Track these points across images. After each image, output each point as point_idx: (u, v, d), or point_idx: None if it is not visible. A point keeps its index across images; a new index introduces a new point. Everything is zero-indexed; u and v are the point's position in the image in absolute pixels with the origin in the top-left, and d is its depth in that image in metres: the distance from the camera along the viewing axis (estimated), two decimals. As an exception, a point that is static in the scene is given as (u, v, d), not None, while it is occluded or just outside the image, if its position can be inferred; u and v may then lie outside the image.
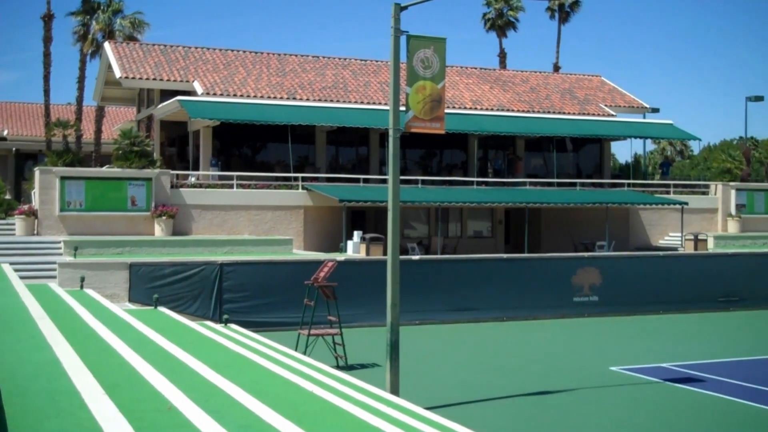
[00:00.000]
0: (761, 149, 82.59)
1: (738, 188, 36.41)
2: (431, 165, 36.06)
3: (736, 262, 30.00)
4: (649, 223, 34.97)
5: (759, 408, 14.80)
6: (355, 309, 23.37)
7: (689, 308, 28.52)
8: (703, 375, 17.59)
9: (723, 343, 22.53)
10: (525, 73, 41.44)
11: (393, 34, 14.51)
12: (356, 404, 9.96)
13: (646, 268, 28.56)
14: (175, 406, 8.06)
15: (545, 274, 27.06)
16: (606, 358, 19.57)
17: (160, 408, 8.04)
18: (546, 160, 37.04)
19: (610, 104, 39.14)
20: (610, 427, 13.62)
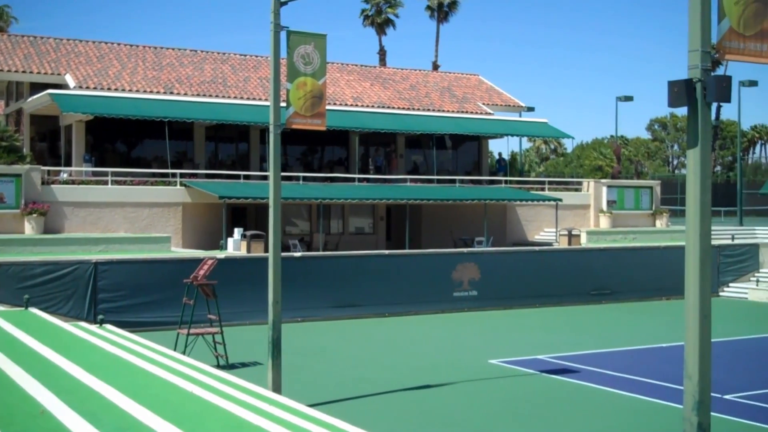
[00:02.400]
0: (631, 147, 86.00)
1: (609, 185, 37.76)
2: (312, 161, 35.99)
3: (608, 257, 31.11)
4: (525, 219, 35.88)
5: (629, 396, 15.38)
6: (236, 307, 23.08)
7: (564, 301, 29.40)
8: (578, 366, 18.16)
9: (596, 334, 23.32)
10: (405, 71, 41.84)
11: (273, 29, 14.37)
12: (237, 403, 9.82)
13: (522, 263, 29.28)
14: (48, 411, 7.76)
15: (426, 269, 27.39)
16: (485, 352, 19.96)
17: (32, 413, 7.72)
18: (426, 157, 37.52)
19: (488, 103, 39.95)
20: (490, 418, 13.90)
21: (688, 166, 8.33)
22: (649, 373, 17.42)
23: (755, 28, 8.41)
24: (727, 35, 8.27)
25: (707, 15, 8.07)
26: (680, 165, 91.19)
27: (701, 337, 8.26)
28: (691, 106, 8.13)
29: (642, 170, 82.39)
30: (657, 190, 39.11)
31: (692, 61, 8.08)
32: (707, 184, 8.21)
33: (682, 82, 8.07)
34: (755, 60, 8.53)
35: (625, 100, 45.80)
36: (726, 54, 8.36)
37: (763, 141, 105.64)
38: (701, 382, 8.25)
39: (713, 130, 75.84)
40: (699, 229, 8.20)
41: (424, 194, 31.63)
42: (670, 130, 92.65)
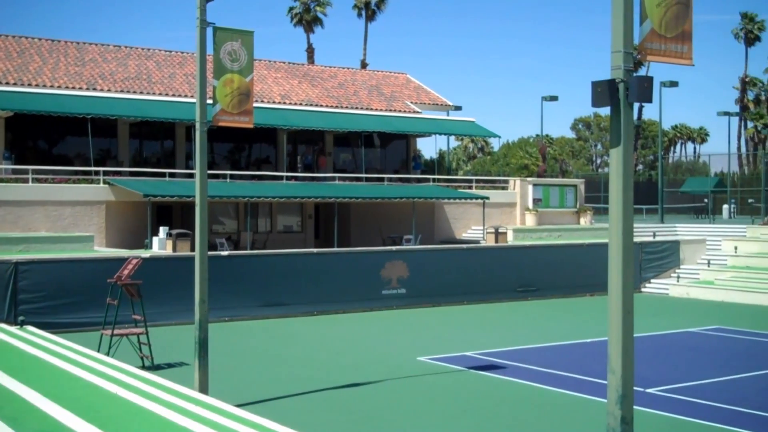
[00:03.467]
0: (556, 146, 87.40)
1: (535, 183, 38.31)
2: (240, 159, 35.68)
3: (533, 254, 31.56)
4: (453, 216, 36.16)
5: (555, 391, 15.62)
6: (161, 307, 22.73)
7: (491, 298, 29.72)
8: (504, 362, 18.37)
9: (522, 331, 23.63)
10: (333, 69, 41.76)
11: (199, 25, 14.17)
12: (163, 405, 9.67)
13: (450, 261, 29.50)
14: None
15: (354, 267, 27.39)
16: (413, 349, 20.05)
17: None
18: (354, 155, 37.54)
19: (416, 101, 40.15)
20: (418, 414, 13.96)
21: (611, 165, 8.48)
22: (574, 368, 17.72)
23: (676, 29, 8.60)
24: (649, 37, 8.44)
25: (630, 17, 8.23)
26: (603, 164, 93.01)
27: (624, 333, 8.42)
28: (614, 106, 8.28)
29: (567, 169, 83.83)
30: (581, 188, 39.83)
31: (615, 62, 8.22)
32: (629, 182, 8.37)
33: (605, 82, 8.21)
34: (676, 61, 8.72)
35: (550, 100, 46.48)
36: (648, 55, 8.53)
37: (684, 140, 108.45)
38: (624, 377, 8.41)
39: (635, 129, 77.55)
40: (622, 227, 8.35)
41: (352, 192, 31.63)
42: (594, 129, 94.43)
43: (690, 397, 15.02)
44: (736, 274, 32.78)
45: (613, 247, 8.45)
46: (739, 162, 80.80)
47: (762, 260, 33.59)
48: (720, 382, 16.49)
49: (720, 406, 14.34)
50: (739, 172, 73.45)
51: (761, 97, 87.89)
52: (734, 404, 14.47)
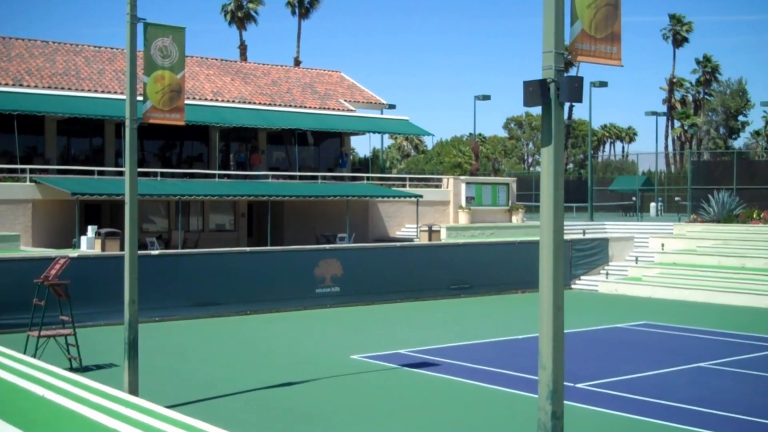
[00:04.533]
0: (488, 145, 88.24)
1: (468, 182, 38.63)
2: (171, 157, 35.20)
3: (466, 252, 31.81)
4: (387, 215, 36.24)
5: (487, 388, 15.76)
6: (90, 307, 22.29)
7: (424, 296, 29.87)
8: (438, 359, 18.48)
9: (455, 328, 23.79)
10: (266, 66, 41.48)
11: (129, 21, 13.92)
12: (92, 407, 9.49)
13: (384, 259, 29.56)
14: None
15: (288, 266, 27.25)
16: (347, 347, 20.03)
17: None
18: (288, 153, 37.35)
19: (350, 99, 40.12)
20: (351, 413, 13.95)
21: (542, 164, 8.58)
22: (506, 364, 17.92)
23: (606, 30, 8.74)
24: (580, 37, 8.56)
25: (560, 18, 8.33)
26: (535, 162, 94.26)
27: (555, 329, 8.53)
28: (545, 106, 8.38)
29: (499, 167, 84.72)
30: (513, 186, 40.30)
31: (546, 62, 8.32)
32: (560, 181, 8.48)
33: (536, 82, 8.30)
34: (605, 62, 8.86)
35: (483, 99, 46.95)
36: (578, 56, 8.65)
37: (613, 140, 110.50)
38: (555, 372, 8.52)
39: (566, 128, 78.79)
40: (552, 225, 8.46)
41: (286, 191, 31.47)
42: (526, 128, 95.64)
43: (619, 392, 15.31)
44: (663, 270, 33.53)
45: (543, 245, 8.55)
46: (666, 161, 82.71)
47: (688, 257, 34.43)
48: (647, 377, 16.85)
49: (647, 400, 14.65)
50: (666, 171, 75.19)
51: (688, 98, 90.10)
52: (661, 398, 14.80)
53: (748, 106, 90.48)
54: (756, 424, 13.05)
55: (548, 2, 8.31)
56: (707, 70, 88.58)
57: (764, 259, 32.14)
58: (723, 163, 49.30)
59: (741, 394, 15.29)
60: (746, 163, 51.28)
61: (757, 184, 42.98)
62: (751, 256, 32.71)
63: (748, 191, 42.18)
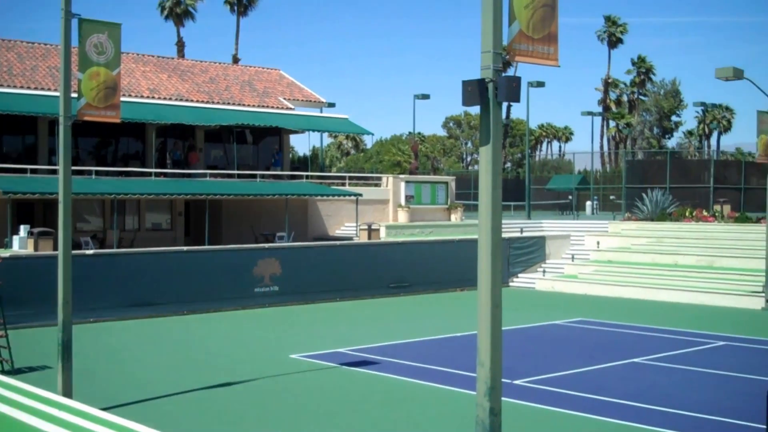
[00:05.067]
0: (427, 144, 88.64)
1: (407, 180, 38.75)
2: (106, 155, 34.60)
3: (406, 250, 31.92)
4: (326, 213, 36.17)
5: (427, 385, 15.83)
6: (22, 308, 21.81)
7: (364, 295, 29.88)
8: (377, 357, 18.51)
9: (395, 326, 23.85)
10: (204, 64, 41.04)
11: (63, 16, 13.65)
12: (25, 410, 9.28)
13: (323, 258, 29.50)
14: None
15: (226, 265, 27.02)
16: (286, 347, 19.95)
17: None
18: (226, 151, 37.01)
19: (289, 98, 39.93)
20: (291, 412, 13.89)
21: (480, 163, 8.65)
22: (444, 361, 18.03)
23: (543, 31, 8.84)
24: (517, 38, 8.64)
25: (499, 18, 8.40)
26: (473, 161, 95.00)
27: (493, 326, 8.61)
28: (483, 105, 8.44)
29: (438, 166, 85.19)
30: (452, 185, 40.54)
31: (485, 61, 8.38)
32: (498, 180, 8.55)
33: (475, 81, 8.36)
34: (543, 62, 8.97)
35: (423, 98, 47.13)
36: (516, 56, 8.74)
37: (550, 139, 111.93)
38: (493, 369, 8.60)
39: (504, 128, 79.56)
40: (491, 223, 8.53)
41: (224, 189, 31.19)
42: (464, 127, 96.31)
43: (555, 388, 15.52)
44: (598, 268, 34.09)
45: (482, 243, 8.62)
46: (601, 160, 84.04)
47: (622, 254, 35.06)
48: (583, 372, 17.11)
49: (583, 396, 14.88)
50: (602, 170, 76.40)
51: (623, 98, 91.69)
52: (596, 393, 15.05)
53: (681, 107, 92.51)
54: (689, 418, 13.34)
55: (486, 3, 8.37)
56: (641, 71, 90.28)
57: (696, 257, 32.89)
58: (657, 162, 50.30)
59: (674, 389, 15.62)
60: (679, 162, 52.42)
61: (689, 183, 43.96)
62: (683, 254, 33.44)
63: (681, 190, 43.12)
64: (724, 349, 20.06)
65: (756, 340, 21.29)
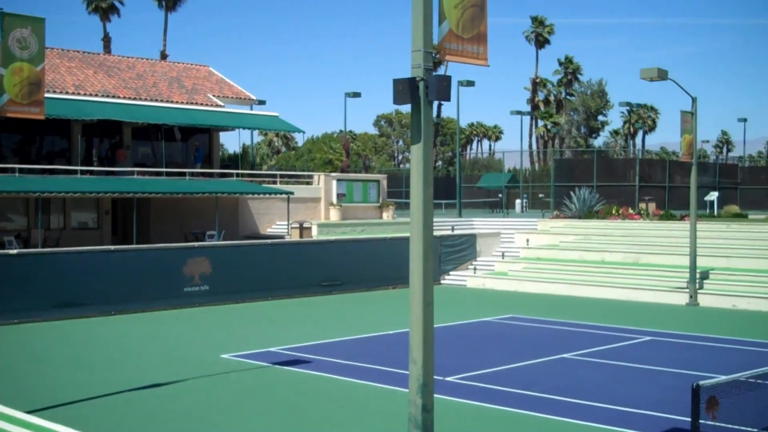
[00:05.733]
0: (359, 142, 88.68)
1: (339, 178, 38.70)
2: (30, 152, 33.75)
3: (337, 248, 31.88)
4: (257, 212, 35.90)
5: (359, 383, 15.83)
6: (-58, 310, 21.15)
7: (296, 293, 29.74)
8: (309, 356, 18.44)
9: (327, 324, 23.80)
10: (131, 60, 40.35)
11: (-16, 9, 13.28)
12: (-56, 416, 9.00)
13: (254, 256, 29.27)
14: None
15: (155, 265, 26.61)
16: (217, 347, 19.74)
17: None
18: (154, 149, 36.45)
19: (219, 95, 39.52)
20: (222, 413, 13.74)
21: (412, 161, 8.68)
22: (377, 359, 18.05)
23: (472, 31, 8.91)
24: (447, 37, 8.70)
25: (429, 17, 8.44)
26: (405, 160, 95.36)
27: (425, 324, 8.65)
28: (414, 104, 8.47)
29: (370, 164, 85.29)
30: (384, 183, 40.63)
31: (415, 60, 8.41)
32: (430, 178, 8.59)
33: (406, 80, 8.39)
34: (472, 61, 9.04)
35: (354, 96, 47.13)
36: (446, 55, 8.79)
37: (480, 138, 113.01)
38: (425, 366, 8.64)
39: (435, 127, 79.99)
40: (422, 221, 8.57)
41: (152, 187, 30.71)
42: (396, 126, 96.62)
43: (487, 384, 15.67)
44: (527, 265, 34.53)
45: (414, 241, 8.65)
46: (530, 159, 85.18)
47: (551, 252, 35.58)
48: (514, 368, 17.32)
49: (514, 391, 15.06)
50: (531, 169, 77.43)
51: (550, 98, 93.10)
52: (527, 389, 15.24)
53: (607, 107, 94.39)
54: (617, 412, 13.60)
55: (416, 2, 8.40)
56: (569, 71, 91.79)
57: (623, 253, 33.56)
58: (584, 161, 51.21)
59: (602, 384, 15.91)
60: (605, 161, 53.48)
61: (615, 182, 44.87)
62: (610, 251, 34.07)
63: (607, 188, 43.98)
64: (651, 344, 20.52)
65: (681, 335, 21.82)
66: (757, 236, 33.07)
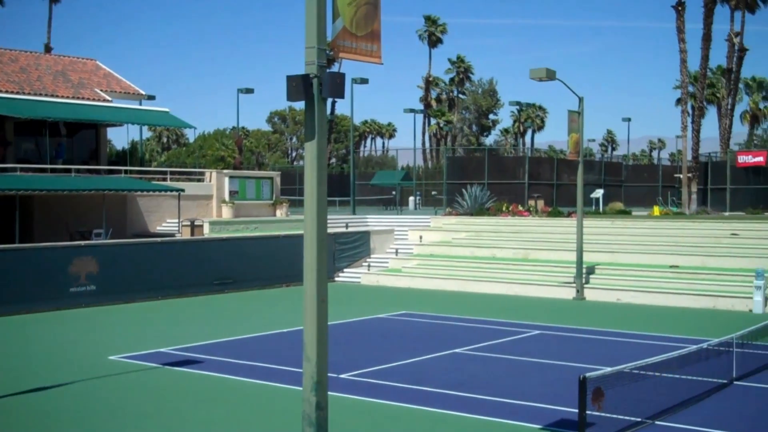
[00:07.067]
0: (252, 139, 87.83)
1: (231, 176, 38.26)
2: None
3: (230, 246, 31.51)
4: (147, 209, 35.13)
5: (252, 383, 15.68)
6: None
7: (187, 292, 29.26)
8: (201, 356, 18.15)
9: (219, 324, 23.49)
10: (13, 52, 38.88)
11: None
12: None
13: (144, 255, 28.65)
14: None
15: (39, 264, 25.72)
16: (105, 348, 19.23)
17: None
18: (38, 144, 35.22)
19: (106, 89, 38.49)
20: (110, 415, 13.37)
21: (306, 158, 8.64)
22: (270, 358, 17.91)
23: (366, 29, 8.92)
24: (341, 34, 8.69)
25: (323, 14, 8.41)
26: (299, 157, 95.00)
27: (318, 321, 8.63)
28: (308, 101, 8.44)
29: (263, 161, 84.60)
30: (277, 180, 40.37)
31: (309, 57, 8.38)
32: (323, 175, 8.57)
33: (299, 77, 8.34)
34: (366, 59, 9.06)
35: (246, 93, 46.69)
36: (340, 52, 8.78)
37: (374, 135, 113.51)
38: (319, 364, 8.62)
39: (329, 124, 79.93)
40: (316, 218, 8.54)
41: (36, 184, 29.66)
42: (290, 123, 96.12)
43: (381, 380, 15.75)
44: (421, 261, 34.89)
45: (308, 239, 8.61)
46: (423, 156, 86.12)
47: (444, 248, 36.05)
48: (408, 364, 17.46)
49: (407, 387, 15.18)
50: (424, 166, 78.26)
51: (443, 96, 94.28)
52: (420, 384, 15.39)
53: (498, 106, 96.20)
54: (507, 405, 13.87)
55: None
56: (461, 70, 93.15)
57: (513, 250, 34.28)
58: (475, 159, 52.08)
59: (492, 377, 16.20)
60: (496, 159, 54.50)
61: (506, 179, 45.80)
62: (501, 247, 34.77)
63: (498, 185, 44.85)
64: (539, 338, 21.02)
65: (568, 329, 22.43)
66: (639, 232, 34.32)
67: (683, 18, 45.25)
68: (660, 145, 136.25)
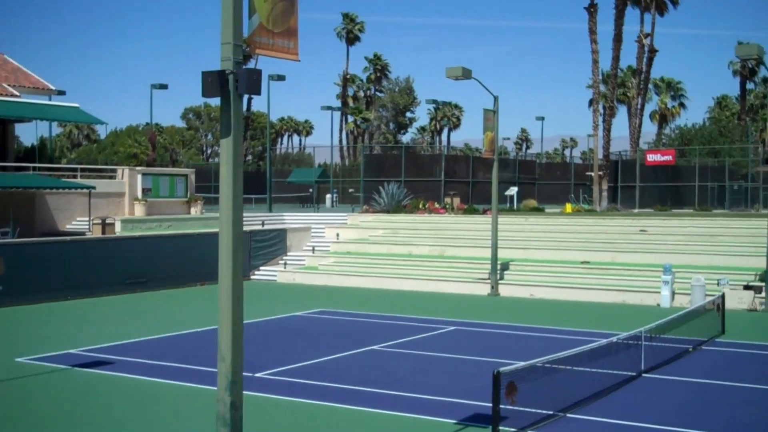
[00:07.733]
0: (166, 135, 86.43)
1: (144, 173, 37.59)
2: None
3: (143, 245, 30.95)
4: (56, 207, 34.25)
5: (165, 383, 15.44)
6: None
7: (98, 292, 28.61)
8: (112, 357, 17.78)
9: (131, 324, 23.05)
10: None
11: None
12: None
13: (53, 255, 27.91)
14: None
15: (-58, 264, 24.84)
16: (11, 350, 18.67)
17: None
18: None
19: (14, 84, 37.39)
20: (16, 419, 12.99)
21: (221, 155, 8.55)
22: (184, 358, 17.67)
23: (283, 25, 8.87)
24: (258, 31, 8.62)
25: (239, 10, 8.34)
26: (214, 154, 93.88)
27: (234, 320, 8.55)
28: (224, 97, 8.35)
29: (177, 158, 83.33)
30: (192, 178, 39.84)
31: (225, 53, 8.29)
32: (239, 172, 8.50)
33: (215, 73, 8.25)
34: (283, 56, 9.01)
35: (160, 88, 45.95)
36: (256, 48, 8.71)
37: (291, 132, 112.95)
38: (234, 363, 8.55)
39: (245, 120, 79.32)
40: (232, 216, 8.46)
41: (-61, 181, 28.64)
42: (204, 119, 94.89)
43: (297, 378, 15.69)
44: (337, 259, 34.88)
45: (223, 237, 8.53)
46: (341, 154, 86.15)
47: (360, 246, 36.12)
48: (324, 362, 17.44)
49: (324, 384, 15.16)
50: (341, 164, 78.26)
51: (360, 94, 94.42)
52: (336, 381, 15.39)
53: (414, 104, 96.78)
54: (422, 400, 13.98)
55: (226, -7, 8.28)
56: (378, 68, 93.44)
57: (429, 247, 34.56)
58: (392, 156, 52.29)
59: (409, 373, 16.30)
60: (413, 156, 54.82)
61: (422, 177, 46.13)
62: (417, 244, 35.02)
63: (415, 183, 45.16)
64: (455, 334, 21.26)
65: (483, 324, 22.74)
66: (552, 229, 35.02)
67: (595, 19, 46.32)
68: (572, 144, 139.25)
